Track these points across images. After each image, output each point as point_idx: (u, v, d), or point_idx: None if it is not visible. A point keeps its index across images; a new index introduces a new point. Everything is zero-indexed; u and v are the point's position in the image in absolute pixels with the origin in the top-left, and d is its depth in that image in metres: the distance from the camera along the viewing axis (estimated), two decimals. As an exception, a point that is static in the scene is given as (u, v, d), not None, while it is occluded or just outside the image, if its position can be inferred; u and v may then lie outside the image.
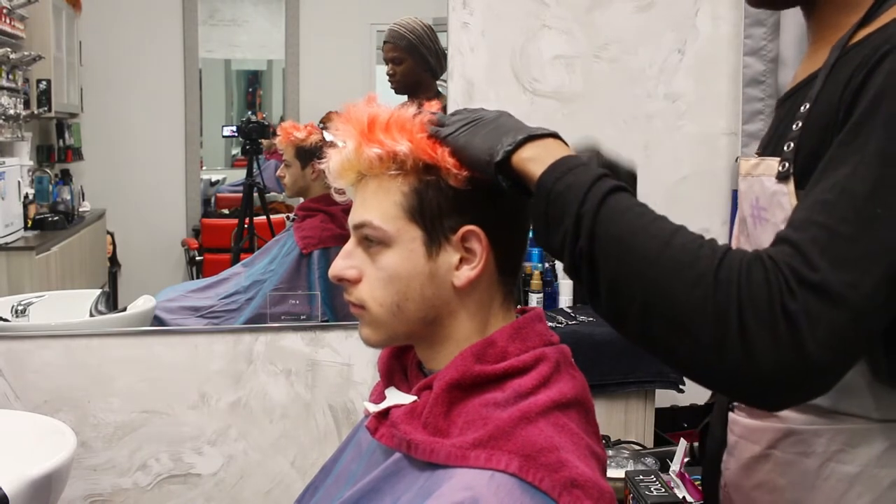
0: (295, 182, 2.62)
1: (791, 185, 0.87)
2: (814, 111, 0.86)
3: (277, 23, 2.75)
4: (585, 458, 0.88)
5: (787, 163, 0.88)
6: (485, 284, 0.95)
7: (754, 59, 2.44)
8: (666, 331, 0.76)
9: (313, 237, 2.57)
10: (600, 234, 0.78)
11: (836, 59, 0.87)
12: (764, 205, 0.91)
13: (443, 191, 0.92)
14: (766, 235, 0.89)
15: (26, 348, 2.17)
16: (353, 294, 0.96)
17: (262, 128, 2.73)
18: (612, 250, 0.78)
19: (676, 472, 1.83)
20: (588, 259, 0.79)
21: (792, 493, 0.94)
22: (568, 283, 2.41)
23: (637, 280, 0.77)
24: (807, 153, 0.86)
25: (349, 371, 2.34)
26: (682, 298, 0.75)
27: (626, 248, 0.77)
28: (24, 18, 2.43)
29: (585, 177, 0.81)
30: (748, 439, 1.00)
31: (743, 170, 0.97)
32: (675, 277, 0.75)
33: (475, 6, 2.41)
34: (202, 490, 2.30)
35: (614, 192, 0.81)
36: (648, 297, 0.76)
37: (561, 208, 0.81)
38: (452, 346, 0.95)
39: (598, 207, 0.79)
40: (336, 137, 0.95)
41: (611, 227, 0.78)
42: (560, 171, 0.82)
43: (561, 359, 0.95)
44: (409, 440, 0.89)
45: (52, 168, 2.55)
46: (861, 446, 0.89)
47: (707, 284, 0.74)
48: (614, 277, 0.78)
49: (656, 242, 0.77)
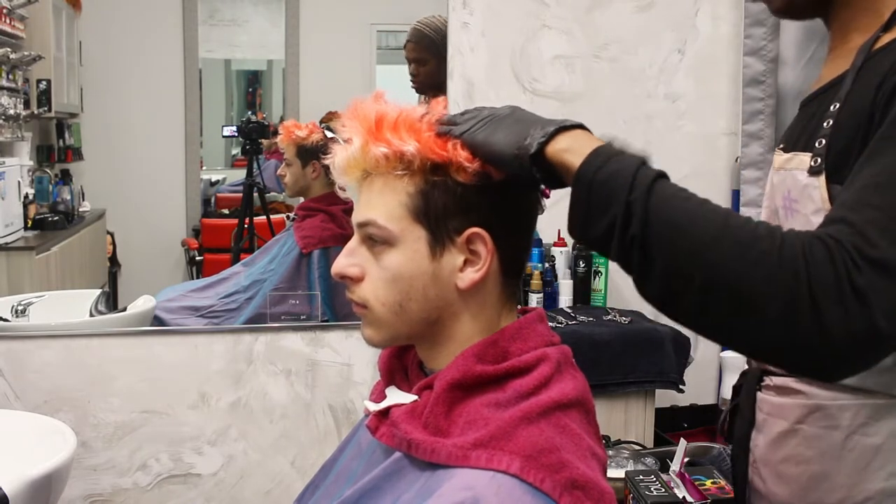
0: (296, 181, 2.62)
1: (822, 178, 0.94)
2: (844, 110, 0.93)
3: (277, 23, 2.74)
4: (586, 459, 0.88)
5: (819, 158, 0.94)
6: (488, 286, 0.95)
7: (754, 59, 2.44)
8: (728, 310, 0.78)
9: (313, 237, 2.57)
10: (653, 220, 0.80)
11: (863, 62, 0.95)
12: (795, 197, 0.98)
13: (449, 192, 0.92)
14: (796, 225, 0.93)
15: (26, 348, 2.17)
16: (356, 293, 0.96)
17: (262, 128, 2.73)
18: (667, 235, 0.80)
19: (676, 472, 1.83)
20: (641, 245, 0.80)
21: (819, 465, 1.01)
22: (568, 283, 2.41)
23: (697, 262, 0.79)
24: (838, 149, 0.92)
25: (349, 371, 2.34)
26: (747, 277, 0.77)
27: (682, 233, 0.79)
28: (24, 18, 2.42)
29: (628, 165, 0.82)
30: (777, 416, 1.07)
31: (776, 164, 1.04)
32: (738, 258, 0.77)
33: (475, 6, 2.41)
34: (202, 490, 2.30)
35: (658, 178, 0.82)
36: (710, 278, 0.78)
37: (606, 197, 0.82)
38: (454, 346, 0.94)
39: (648, 194, 0.80)
40: (342, 134, 0.94)
41: (663, 212, 0.80)
42: (600, 160, 0.83)
43: (562, 359, 0.95)
44: (410, 440, 0.89)
45: (52, 168, 2.55)
46: (884, 420, 0.97)
47: (772, 263, 0.76)
48: (671, 261, 0.80)
49: (712, 225, 0.79)
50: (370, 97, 0.96)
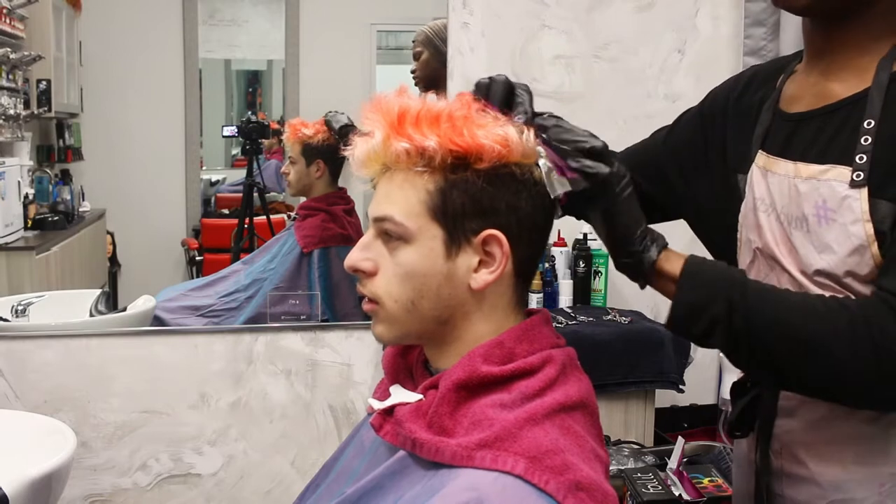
0: (299, 179, 2.63)
1: (864, 192, 0.99)
2: (883, 129, 0.99)
3: (277, 23, 2.75)
4: (590, 461, 0.88)
5: (862, 173, 0.99)
6: (501, 289, 0.95)
7: (754, 59, 2.44)
8: (817, 374, 0.96)
9: (314, 236, 2.57)
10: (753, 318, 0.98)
11: (890, 79, 1.01)
12: (832, 206, 1.01)
13: (468, 192, 0.91)
14: (832, 234, 1.01)
15: (26, 348, 2.17)
16: (368, 287, 0.96)
17: (262, 128, 2.73)
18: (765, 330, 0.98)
19: (674, 470, 1.83)
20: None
21: (881, 440, 1.04)
22: (568, 283, 2.41)
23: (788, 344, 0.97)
24: (883, 166, 0.98)
25: (349, 371, 2.34)
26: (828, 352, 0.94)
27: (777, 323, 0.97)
28: (24, 18, 2.43)
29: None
30: (812, 401, 1.08)
31: (804, 173, 1.06)
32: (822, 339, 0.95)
33: (475, 6, 2.41)
34: (202, 490, 2.30)
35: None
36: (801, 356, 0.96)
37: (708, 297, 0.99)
38: (462, 347, 0.94)
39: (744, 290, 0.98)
40: (365, 127, 0.94)
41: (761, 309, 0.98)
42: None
43: (567, 361, 0.95)
44: (415, 439, 0.89)
45: (52, 168, 2.55)
46: None
47: (847, 339, 0.93)
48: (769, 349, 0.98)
49: (797, 313, 0.97)
50: (394, 91, 0.95)
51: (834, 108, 1.06)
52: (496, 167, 0.91)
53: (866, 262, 0.99)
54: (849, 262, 1.00)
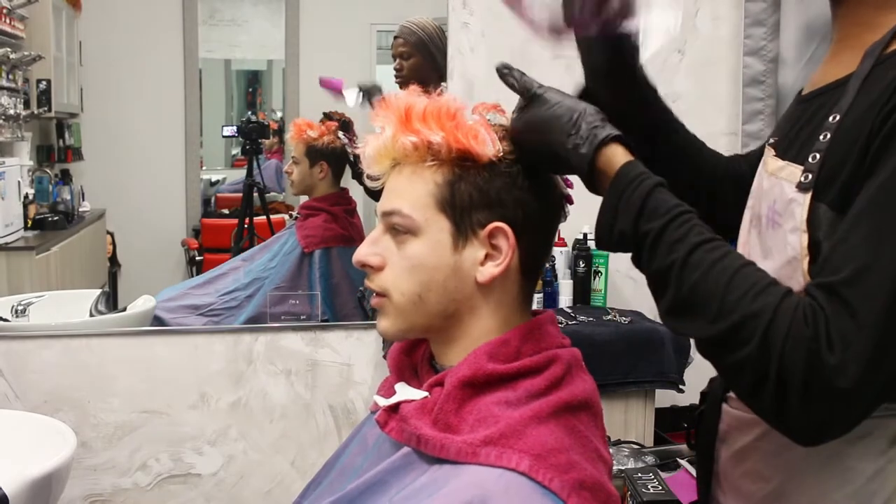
0: (302, 179, 2.63)
1: (808, 197, 0.87)
2: (844, 124, 0.85)
3: (277, 23, 2.75)
4: (593, 462, 0.89)
5: (811, 174, 0.87)
6: (507, 284, 0.95)
7: (754, 59, 2.44)
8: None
9: (315, 236, 2.57)
10: None
11: (871, 68, 0.85)
12: (780, 210, 0.92)
13: (476, 185, 0.93)
14: (774, 241, 0.92)
15: (26, 348, 2.17)
16: (375, 281, 0.97)
17: (262, 128, 2.73)
18: None
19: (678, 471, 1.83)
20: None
21: (777, 483, 0.96)
22: (568, 283, 2.41)
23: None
24: (831, 166, 0.85)
25: (349, 371, 2.34)
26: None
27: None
28: (24, 18, 2.43)
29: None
30: (739, 430, 1.02)
31: (770, 167, 0.97)
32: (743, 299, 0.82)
33: (475, 6, 2.41)
34: (202, 490, 2.30)
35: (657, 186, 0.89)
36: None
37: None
38: (468, 343, 0.95)
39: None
40: (377, 123, 0.96)
41: None
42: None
43: (573, 361, 0.95)
44: (420, 435, 0.89)
45: (52, 168, 2.55)
46: (844, 441, 0.87)
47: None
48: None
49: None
50: (406, 90, 0.97)
51: (815, 95, 0.96)
52: (504, 161, 0.93)
53: (797, 279, 0.86)
54: (782, 273, 0.88)
